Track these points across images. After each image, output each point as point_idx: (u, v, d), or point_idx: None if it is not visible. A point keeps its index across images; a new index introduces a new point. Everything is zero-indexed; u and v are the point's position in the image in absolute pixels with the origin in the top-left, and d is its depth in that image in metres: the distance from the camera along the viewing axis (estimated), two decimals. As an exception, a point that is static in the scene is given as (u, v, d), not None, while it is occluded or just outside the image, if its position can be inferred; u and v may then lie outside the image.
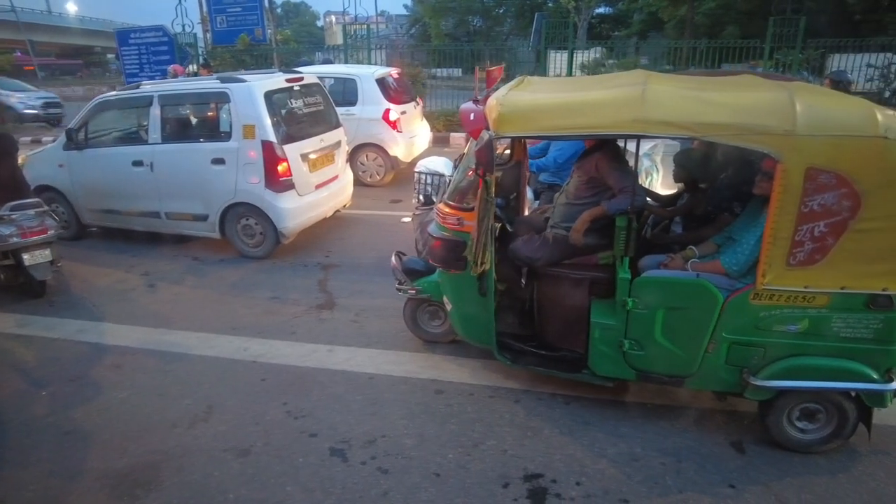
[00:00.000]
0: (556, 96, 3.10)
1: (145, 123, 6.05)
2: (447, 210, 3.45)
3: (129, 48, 13.98)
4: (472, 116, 3.21)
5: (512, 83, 3.50)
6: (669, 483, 2.87)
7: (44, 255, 4.93)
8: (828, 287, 2.70)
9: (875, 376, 2.77)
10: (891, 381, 2.78)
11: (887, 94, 11.09)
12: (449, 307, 3.67)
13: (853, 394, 2.88)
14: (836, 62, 11.70)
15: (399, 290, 4.02)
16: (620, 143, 3.75)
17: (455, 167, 4.38)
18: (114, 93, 6.40)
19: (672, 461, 3.01)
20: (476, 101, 3.48)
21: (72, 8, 47.33)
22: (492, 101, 3.12)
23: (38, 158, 6.64)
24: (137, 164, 5.90)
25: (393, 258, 4.12)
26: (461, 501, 2.78)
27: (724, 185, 3.61)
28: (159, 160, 5.85)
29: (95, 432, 3.32)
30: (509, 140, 4.09)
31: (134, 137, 6.42)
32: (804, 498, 2.76)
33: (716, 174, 3.75)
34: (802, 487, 2.83)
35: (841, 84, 5.56)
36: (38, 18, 40.44)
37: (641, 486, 2.85)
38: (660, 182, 5.60)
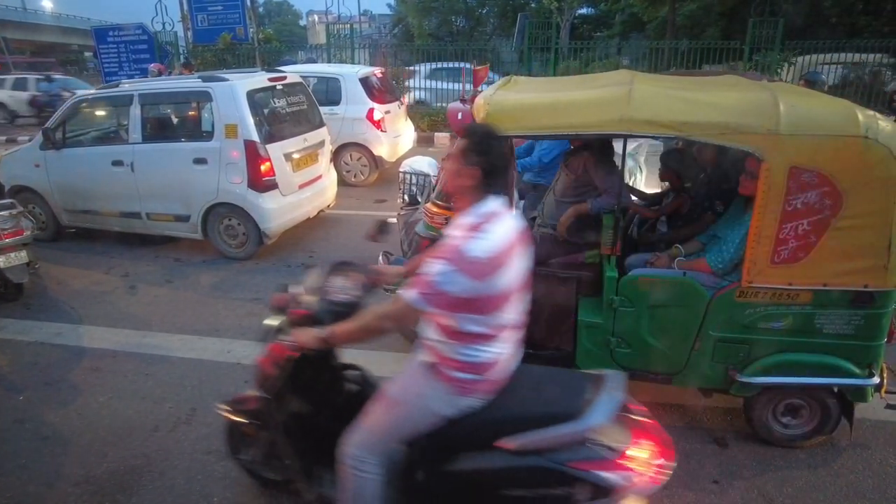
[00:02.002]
0: (544, 96, 3.11)
1: (125, 123, 5.95)
2: (435, 210, 3.43)
3: (108, 46, 13.76)
4: (459, 116, 3.20)
5: (499, 82, 3.50)
6: (654, 479, 2.89)
7: (20, 256, 4.82)
8: (811, 284, 2.74)
9: (857, 372, 2.82)
10: (872, 376, 2.83)
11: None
12: (435, 307, 3.64)
13: (835, 389, 2.92)
14: (811, 63, 11.87)
15: (386, 290, 3.98)
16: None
17: (441, 167, 4.36)
18: (92, 91, 6.29)
19: (656, 458, 3.03)
20: (463, 101, 3.47)
21: (47, 5, 46.45)
22: (479, 100, 3.12)
23: (14, 158, 6.50)
24: (117, 163, 5.80)
25: (381, 258, 4.08)
26: (449, 502, 2.77)
27: (706, 184, 3.64)
28: (140, 160, 5.75)
29: (74, 437, 3.26)
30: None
31: (113, 137, 6.31)
32: (786, 492, 2.81)
33: (700, 173, 3.79)
34: (784, 481, 2.87)
35: (816, 84, 5.65)
36: (11, 15, 39.57)
37: (627, 483, 2.87)
38: (643, 182, 5.64)
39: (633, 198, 4.02)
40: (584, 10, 29.96)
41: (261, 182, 5.51)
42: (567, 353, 3.41)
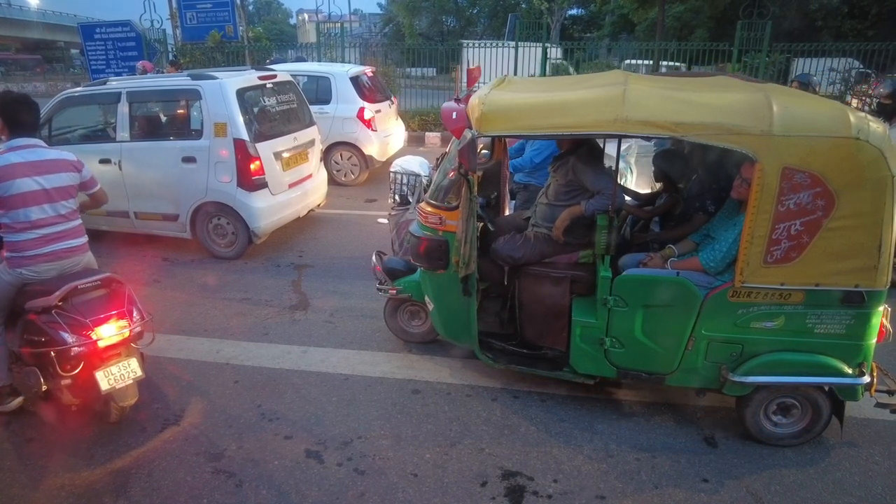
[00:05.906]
0: (538, 96, 3.10)
1: (113, 121, 5.88)
2: (429, 209, 3.42)
3: (95, 43, 13.61)
4: (454, 115, 3.18)
5: (493, 82, 3.49)
6: (644, 478, 2.90)
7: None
8: (803, 284, 2.76)
9: (848, 371, 2.84)
10: (862, 375, 2.85)
11: (848, 96, 11.43)
12: (430, 307, 3.64)
13: (827, 388, 2.94)
14: (801, 66, 12.01)
15: (379, 290, 3.97)
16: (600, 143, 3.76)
17: (436, 166, 4.34)
18: (79, 88, 6.20)
19: (647, 456, 3.05)
20: (458, 100, 3.46)
21: (33, 1, 45.87)
22: (474, 100, 3.11)
23: (-2, 155, 6.38)
24: (105, 162, 5.71)
25: (374, 257, 4.06)
26: (439, 501, 2.77)
27: (699, 185, 3.65)
28: (128, 158, 5.68)
29: (60, 438, 3.20)
30: (489, 139, 4.08)
31: (101, 135, 6.22)
32: (773, 489, 2.83)
33: (694, 174, 3.80)
34: (772, 479, 2.89)
35: (809, 87, 5.71)
36: (-3, 12, 39.14)
37: (617, 482, 2.88)
38: (634, 183, 5.66)
39: (627, 198, 4.02)
40: (574, 11, 30.15)
41: (250, 181, 5.46)
42: (560, 353, 3.41)
